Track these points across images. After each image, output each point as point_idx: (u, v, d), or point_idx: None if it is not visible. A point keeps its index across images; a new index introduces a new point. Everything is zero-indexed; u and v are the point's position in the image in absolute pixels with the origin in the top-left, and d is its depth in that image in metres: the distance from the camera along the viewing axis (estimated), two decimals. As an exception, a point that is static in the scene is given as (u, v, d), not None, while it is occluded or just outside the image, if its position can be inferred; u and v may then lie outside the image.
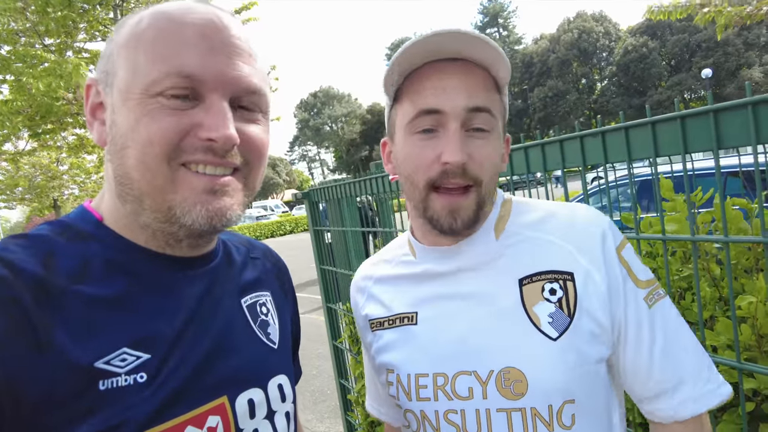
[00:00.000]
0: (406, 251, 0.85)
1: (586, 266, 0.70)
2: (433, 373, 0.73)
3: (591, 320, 0.68)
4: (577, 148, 1.04)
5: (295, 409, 0.77)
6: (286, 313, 0.83)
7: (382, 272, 0.88)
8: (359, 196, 1.70)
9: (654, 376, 0.69)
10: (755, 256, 1.23)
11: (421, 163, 0.70)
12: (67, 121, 10.29)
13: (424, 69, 0.70)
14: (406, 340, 0.78)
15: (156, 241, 0.62)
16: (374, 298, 0.87)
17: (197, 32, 0.58)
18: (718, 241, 0.88)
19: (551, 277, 0.70)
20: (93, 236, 0.60)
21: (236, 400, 0.64)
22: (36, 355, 0.48)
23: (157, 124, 0.56)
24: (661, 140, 0.87)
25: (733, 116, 0.76)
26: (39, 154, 15.60)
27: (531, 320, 0.69)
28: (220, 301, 0.68)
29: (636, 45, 41.93)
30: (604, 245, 0.70)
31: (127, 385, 0.53)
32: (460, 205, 0.69)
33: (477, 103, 0.67)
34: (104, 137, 0.61)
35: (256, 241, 0.88)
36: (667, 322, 0.70)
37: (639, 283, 0.71)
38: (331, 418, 3.78)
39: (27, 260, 0.53)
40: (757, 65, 36.78)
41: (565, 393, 0.67)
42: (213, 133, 0.57)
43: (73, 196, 19.09)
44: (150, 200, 0.58)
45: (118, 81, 0.58)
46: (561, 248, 0.71)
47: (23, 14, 8.63)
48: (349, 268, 2.38)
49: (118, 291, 0.57)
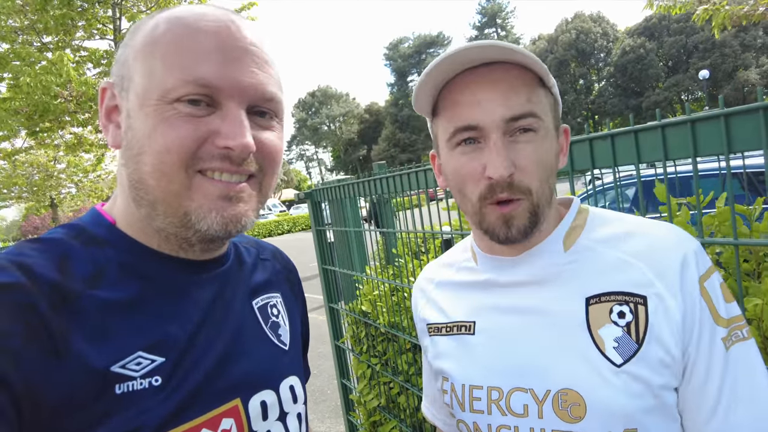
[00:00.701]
0: (469, 256, 0.83)
1: (662, 292, 0.64)
2: (487, 386, 0.72)
3: (661, 348, 0.63)
4: (584, 151, 1.05)
5: (305, 409, 0.77)
6: (296, 313, 0.83)
7: (443, 276, 0.86)
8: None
9: (716, 422, 0.62)
10: (756, 260, 1.24)
11: (468, 177, 0.68)
12: (65, 119, 10.26)
13: (457, 81, 0.67)
14: (462, 349, 0.76)
15: (169, 244, 0.63)
16: (434, 303, 0.85)
17: (214, 39, 0.58)
18: (728, 243, 0.89)
19: (621, 299, 0.65)
20: (106, 240, 0.60)
21: (249, 403, 0.64)
22: (53, 360, 0.49)
23: (174, 132, 0.56)
24: (671, 144, 0.88)
25: (745, 120, 0.77)
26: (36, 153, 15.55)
27: (595, 343, 0.65)
28: (232, 303, 0.68)
29: (633, 46, 42.06)
30: (686, 272, 0.64)
31: (143, 389, 0.54)
32: (514, 214, 0.66)
33: (515, 111, 0.64)
34: (119, 141, 0.61)
35: (265, 242, 0.89)
36: (743, 369, 0.63)
37: (719, 320, 0.64)
38: (331, 418, 3.78)
39: (43, 265, 0.53)
40: (753, 67, 36.94)
41: (627, 421, 0.62)
42: (230, 141, 0.57)
43: (71, 195, 19.04)
44: (165, 206, 0.58)
45: (134, 86, 0.58)
46: (636, 269, 0.66)
47: (22, 12, 8.61)
48: (351, 268, 2.38)
49: (132, 295, 0.57)
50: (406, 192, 1.72)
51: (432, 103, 0.71)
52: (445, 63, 0.65)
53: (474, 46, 0.62)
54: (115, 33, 10.00)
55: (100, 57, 9.82)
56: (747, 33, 36.52)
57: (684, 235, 0.68)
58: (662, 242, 0.66)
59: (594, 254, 0.69)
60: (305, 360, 0.89)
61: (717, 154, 0.83)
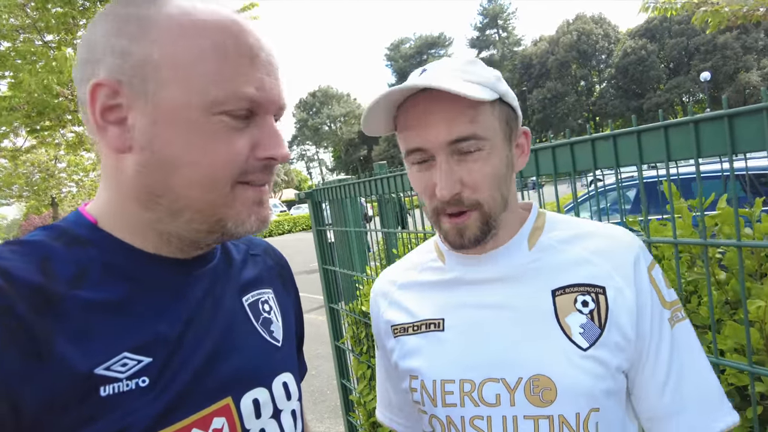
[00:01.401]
0: (434, 257, 0.86)
1: (619, 282, 0.72)
2: (459, 380, 0.74)
3: (619, 333, 0.71)
4: (583, 153, 1.05)
5: (301, 406, 0.76)
6: (290, 309, 0.82)
7: (407, 278, 0.88)
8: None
9: (666, 396, 0.71)
10: (758, 261, 1.23)
11: (423, 192, 0.74)
12: (66, 118, 10.27)
13: (410, 102, 0.71)
14: (432, 346, 0.79)
15: (168, 246, 0.62)
16: (398, 304, 0.86)
17: (256, 53, 0.59)
18: (731, 245, 0.88)
19: (584, 290, 0.72)
20: (89, 240, 0.59)
21: (241, 401, 0.63)
22: (34, 363, 0.48)
23: (225, 147, 0.57)
24: (674, 144, 0.88)
25: (748, 121, 0.77)
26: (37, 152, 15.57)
27: (563, 330, 0.71)
28: (220, 300, 0.68)
29: (635, 47, 42.09)
30: (638, 265, 0.73)
31: (129, 390, 0.53)
32: (466, 225, 0.72)
33: (458, 134, 0.68)
34: (127, 144, 0.57)
35: (256, 237, 0.87)
36: (686, 344, 0.73)
37: (665, 303, 0.73)
38: (331, 418, 3.78)
39: (23, 267, 0.52)
40: (755, 69, 36.95)
41: (592, 401, 0.69)
42: (273, 152, 0.60)
43: (71, 194, 19.05)
44: (197, 214, 0.59)
45: (168, 94, 0.55)
46: (595, 265, 0.74)
47: (23, 10, 8.61)
48: (351, 268, 2.38)
49: (117, 295, 0.56)
50: (407, 192, 1.72)
51: (392, 122, 0.76)
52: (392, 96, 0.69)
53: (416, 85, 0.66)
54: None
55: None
56: (748, 35, 36.54)
57: (632, 234, 0.78)
58: (616, 241, 0.75)
59: (556, 252, 0.76)
60: (300, 356, 0.88)
61: (720, 155, 0.82)
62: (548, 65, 47.86)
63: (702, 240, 0.92)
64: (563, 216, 0.83)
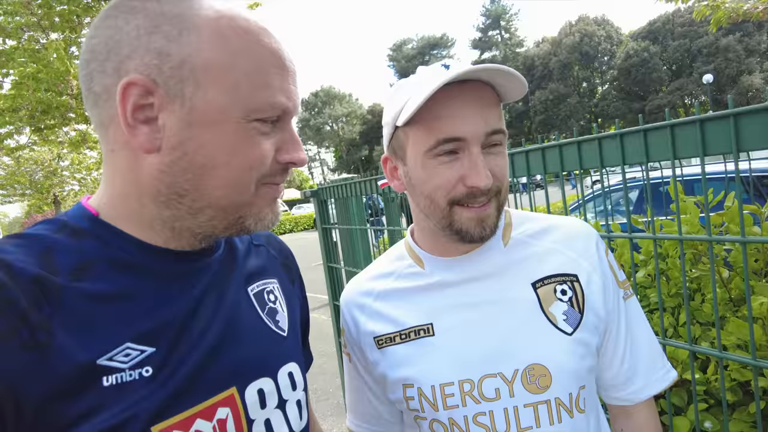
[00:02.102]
0: (411, 263, 0.86)
1: (587, 268, 0.79)
2: (458, 381, 0.76)
3: (594, 314, 0.78)
4: (581, 151, 1.07)
5: (307, 396, 0.76)
6: (295, 299, 0.82)
7: (382, 287, 0.87)
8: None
9: (625, 364, 0.80)
10: (764, 259, 1.25)
11: (443, 184, 0.73)
12: (69, 116, 10.29)
13: (436, 95, 0.70)
14: (424, 353, 0.79)
15: (178, 241, 0.62)
16: (378, 314, 0.85)
17: (286, 63, 0.62)
18: (736, 242, 0.90)
19: (560, 279, 0.78)
20: (90, 232, 0.59)
21: (246, 391, 0.63)
22: (36, 355, 0.48)
23: (256, 151, 0.59)
24: (680, 143, 0.89)
25: (753, 120, 0.79)
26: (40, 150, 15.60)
27: (549, 319, 0.76)
28: (225, 291, 0.68)
29: (637, 49, 42.03)
30: (598, 251, 0.81)
31: (132, 380, 0.53)
32: (487, 214, 0.74)
33: (493, 126, 0.71)
34: (156, 144, 0.57)
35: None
36: (635, 316, 0.83)
37: (619, 283, 0.83)
38: (333, 416, 3.79)
39: (24, 260, 0.52)
40: (757, 72, 36.88)
41: (580, 380, 0.76)
42: (294, 156, 0.63)
43: (73, 192, 19.07)
44: (220, 212, 0.60)
45: (205, 98, 0.56)
46: (564, 255, 0.80)
47: (27, 8, 8.64)
48: (354, 265, 2.40)
49: (119, 286, 0.57)
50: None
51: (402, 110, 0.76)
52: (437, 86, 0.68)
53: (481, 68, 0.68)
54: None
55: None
56: (751, 38, 36.49)
57: (588, 224, 0.86)
58: (578, 231, 0.83)
59: (528, 246, 0.81)
60: (306, 346, 0.88)
61: (725, 153, 0.84)
62: (550, 66, 47.83)
63: (707, 237, 0.94)
64: (524, 212, 0.88)
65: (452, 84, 0.70)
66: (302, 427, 0.72)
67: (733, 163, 0.83)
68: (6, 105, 8.89)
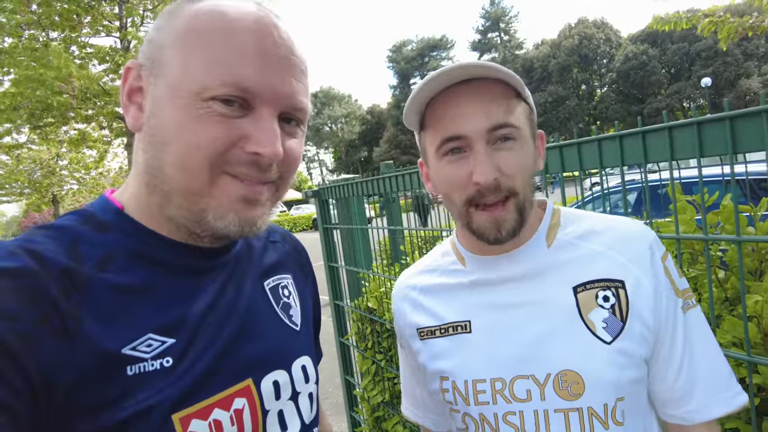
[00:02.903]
0: (454, 260, 0.87)
1: (637, 274, 0.74)
2: (490, 379, 0.77)
3: (640, 323, 0.73)
4: (589, 152, 1.09)
5: (317, 389, 0.78)
6: (307, 294, 0.84)
7: (427, 281, 0.90)
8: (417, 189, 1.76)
9: (680, 380, 0.74)
10: (759, 258, 1.27)
11: (455, 183, 0.74)
12: (69, 115, 10.28)
13: (442, 96, 0.73)
14: (460, 348, 0.81)
15: (179, 233, 0.63)
16: (422, 308, 0.88)
17: (257, 43, 0.58)
18: (731, 241, 0.92)
19: (604, 285, 0.74)
20: (115, 225, 0.61)
21: (261, 382, 0.65)
22: (65, 342, 0.50)
23: (206, 131, 0.56)
24: (677, 145, 0.92)
25: (749, 123, 0.81)
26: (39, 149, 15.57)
27: (587, 326, 0.73)
28: (242, 285, 0.69)
29: (636, 52, 42.13)
30: (653, 256, 0.75)
31: (154, 370, 0.55)
32: (503, 218, 0.73)
33: (496, 121, 0.70)
34: (140, 124, 0.60)
35: (275, 224, 0.89)
36: (697, 330, 0.76)
37: (678, 292, 0.76)
38: (333, 415, 3.81)
39: (53, 250, 0.54)
40: (756, 75, 37.01)
41: (618, 391, 0.71)
42: (261, 148, 0.58)
43: (72, 191, 19.02)
44: (181, 199, 0.59)
45: (167, 74, 0.58)
46: (612, 258, 0.75)
47: (28, 7, 8.64)
48: (356, 265, 2.42)
49: (142, 279, 0.58)
50: (417, 190, 1.75)
51: (419, 119, 0.78)
52: (433, 83, 0.71)
53: (458, 66, 0.69)
54: (121, 30, 10.04)
55: (105, 54, 9.86)
56: (749, 42, 36.57)
57: (644, 226, 0.80)
58: (630, 233, 0.77)
59: (574, 248, 0.78)
60: (317, 341, 0.89)
61: (721, 155, 0.86)
62: (550, 69, 47.90)
63: (703, 236, 0.96)
64: (577, 211, 0.84)
65: (460, 84, 0.72)
66: (312, 419, 0.74)
67: (729, 165, 0.85)
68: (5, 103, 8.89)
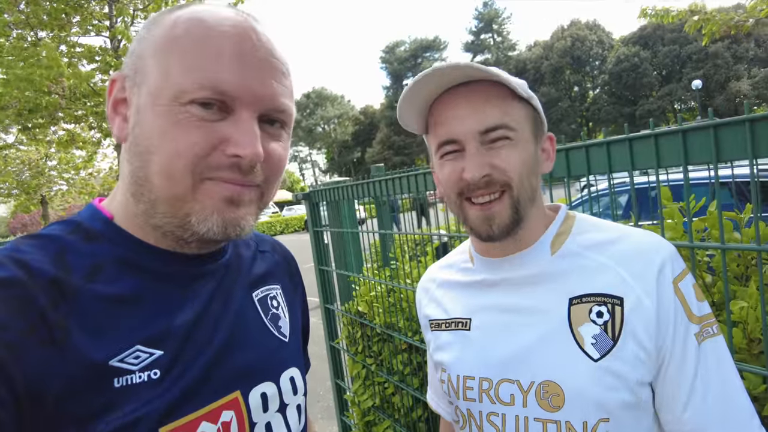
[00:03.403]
0: (466, 258, 0.90)
1: (638, 292, 0.70)
2: (479, 377, 0.79)
3: (635, 344, 0.69)
4: (582, 157, 1.09)
5: (305, 401, 0.77)
6: (296, 305, 0.84)
7: (445, 276, 0.93)
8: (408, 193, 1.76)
9: (688, 412, 0.68)
10: (745, 264, 1.28)
11: (449, 180, 0.76)
12: (58, 115, 10.17)
13: (441, 100, 0.75)
14: (459, 343, 0.84)
15: (167, 240, 0.63)
16: (435, 301, 0.92)
17: (234, 46, 0.58)
18: (716, 248, 0.93)
19: (600, 300, 0.72)
20: (103, 235, 0.60)
21: (249, 395, 0.64)
22: (53, 353, 0.49)
23: (186, 136, 0.56)
24: (663, 152, 0.92)
25: (732, 131, 0.81)
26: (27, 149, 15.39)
27: (575, 339, 0.72)
28: (231, 295, 0.69)
29: (628, 54, 42.51)
30: (661, 274, 0.70)
31: (141, 382, 0.54)
32: (495, 212, 0.73)
33: (488, 124, 0.71)
34: (125, 134, 0.60)
35: (264, 234, 0.89)
36: (714, 361, 0.69)
37: (692, 317, 0.70)
38: (324, 419, 3.79)
39: (41, 260, 0.53)
40: (745, 78, 37.48)
41: (601, 411, 0.69)
42: (240, 149, 0.57)
43: (61, 192, 18.81)
44: (166, 206, 0.58)
45: (148, 83, 0.58)
46: (615, 273, 0.72)
47: (15, 6, 8.54)
48: (347, 269, 2.41)
49: (130, 289, 0.58)
50: (404, 195, 1.75)
51: (424, 122, 0.80)
52: (422, 82, 0.72)
53: (454, 67, 0.69)
54: (111, 30, 9.95)
55: (95, 53, 9.77)
56: (739, 45, 37.06)
57: (662, 240, 0.74)
58: (642, 247, 0.73)
59: (579, 258, 0.76)
60: (305, 351, 0.89)
61: (706, 163, 0.86)
62: (542, 70, 48.18)
63: (689, 243, 0.96)
64: (596, 220, 0.81)
65: (458, 86, 0.73)
66: (300, 431, 0.73)
67: (714, 170, 0.85)
68: (-6, 102, 8.77)
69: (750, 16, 5.61)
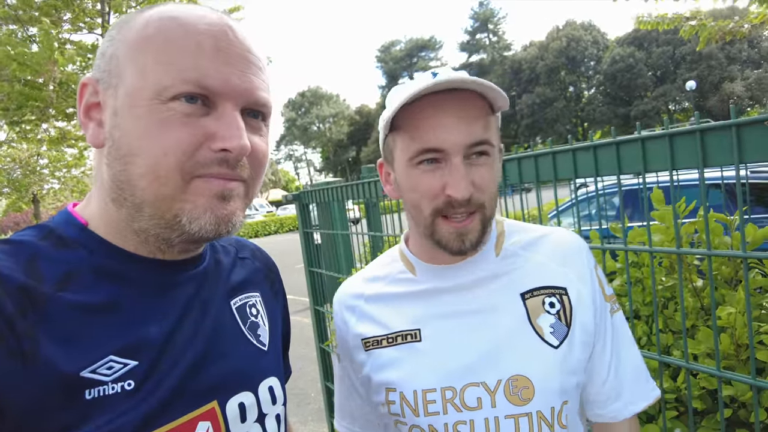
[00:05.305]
0: (403, 269, 0.86)
1: (576, 282, 0.78)
2: (440, 388, 0.76)
3: (581, 329, 0.77)
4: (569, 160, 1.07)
5: (285, 410, 0.76)
6: (277, 312, 0.82)
7: (375, 290, 0.88)
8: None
9: (608, 382, 0.79)
10: (734, 268, 1.27)
11: (426, 193, 0.73)
12: (49, 112, 10.07)
13: (421, 102, 0.71)
14: (409, 358, 0.79)
15: (147, 246, 0.61)
16: (368, 317, 0.86)
17: (212, 41, 0.57)
18: (702, 254, 0.91)
19: (549, 292, 0.78)
20: (77, 242, 0.58)
21: (227, 405, 0.63)
22: (20, 364, 0.47)
23: (171, 134, 0.55)
24: (650, 156, 0.91)
25: (719, 136, 0.80)
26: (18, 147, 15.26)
27: (536, 331, 0.75)
28: (209, 304, 0.67)
29: (623, 55, 42.71)
30: (588, 265, 0.81)
31: (115, 393, 0.52)
32: (468, 229, 0.73)
33: (476, 138, 0.70)
34: (101, 139, 0.59)
35: (245, 240, 0.87)
36: (621, 332, 0.82)
37: (606, 297, 0.82)
38: (314, 421, 3.77)
39: (10, 267, 0.51)
40: (739, 79, 37.76)
41: (564, 395, 0.74)
42: (227, 143, 0.56)
43: (53, 190, 18.68)
44: (153, 208, 0.57)
45: (124, 84, 0.56)
46: (551, 267, 0.80)
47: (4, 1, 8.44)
48: (337, 270, 2.39)
49: (104, 297, 0.56)
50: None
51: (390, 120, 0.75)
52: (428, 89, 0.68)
53: (444, 80, 0.67)
54: (103, 27, 9.88)
55: (87, 50, 9.68)
56: (732, 46, 37.32)
57: (579, 238, 0.85)
58: (567, 244, 0.82)
59: (517, 258, 0.81)
60: (286, 359, 0.88)
61: (693, 167, 0.85)
62: (537, 70, 48.34)
63: (676, 249, 0.95)
64: (518, 222, 0.88)
65: (440, 92, 0.70)
66: None
67: (701, 175, 0.84)
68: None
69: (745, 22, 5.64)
